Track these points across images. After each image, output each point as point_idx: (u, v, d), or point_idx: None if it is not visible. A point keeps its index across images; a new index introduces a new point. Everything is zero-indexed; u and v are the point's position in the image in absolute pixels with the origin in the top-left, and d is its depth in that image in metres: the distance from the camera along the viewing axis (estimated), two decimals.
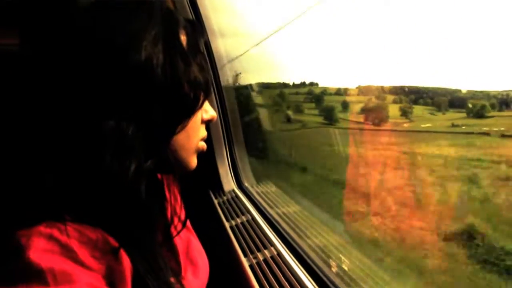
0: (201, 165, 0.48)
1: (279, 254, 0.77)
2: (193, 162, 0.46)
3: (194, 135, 0.44)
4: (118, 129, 0.34)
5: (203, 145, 0.47)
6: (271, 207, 1.03)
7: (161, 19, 0.38)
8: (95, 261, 0.33)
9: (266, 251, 0.79)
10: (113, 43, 0.35)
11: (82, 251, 0.32)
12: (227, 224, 0.95)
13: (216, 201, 1.12)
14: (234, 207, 1.06)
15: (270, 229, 0.90)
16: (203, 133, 0.47)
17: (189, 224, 0.59)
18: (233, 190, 1.21)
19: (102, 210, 0.35)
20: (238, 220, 0.96)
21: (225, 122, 1.23)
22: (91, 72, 0.34)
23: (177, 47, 0.39)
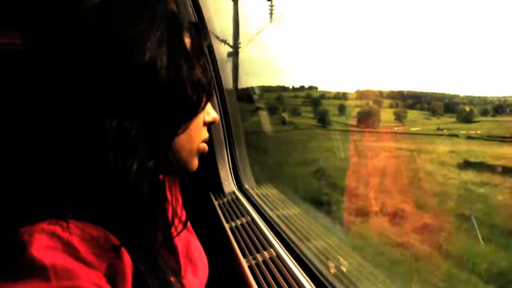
0: (202, 166, 0.48)
1: (278, 255, 0.77)
2: (195, 163, 0.47)
3: (196, 137, 0.45)
4: (121, 128, 0.34)
5: (204, 146, 0.48)
6: (271, 209, 1.04)
7: (165, 21, 0.39)
8: (96, 259, 0.33)
9: (265, 252, 0.79)
10: (117, 43, 0.35)
11: (84, 249, 0.32)
12: (227, 225, 0.95)
13: (216, 202, 1.13)
14: (234, 208, 1.06)
15: (270, 230, 0.90)
16: (204, 134, 0.48)
17: (189, 224, 0.59)
18: (233, 192, 1.21)
19: (104, 208, 0.36)
20: (238, 222, 0.97)
21: (226, 124, 1.24)
22: (96, 72, 0.34)
23: (181, 49, 0.40)
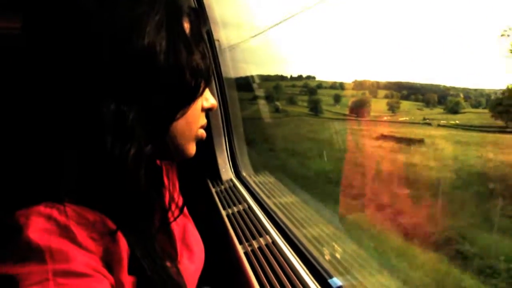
0: (200, 154, 0.49)
1: (274, 242, 0.79)
2: (192, 149, 0.47)
3: (194, 122, 0.45)
4: (119, 113, 0.34)
5: (202, 133, 0.48)
6: (268, 197, 1.05)
7: (165, 5, 0.38)
8: (92, 242, 0.33)
9: (261, 239, 0.81)
10: (116, 27, 0.35)
11: (80, 232, 0.33)
12: (223, 212, 0.96)
13: (214, 189, 1.14)
14: (231, 196, 1.07)
15: (266, 217, 0.91)
16: (203, 121, 0.48)
17: (186, 211, 0.60)
18: (230, 180, 1.22)
19: (101, 193, 0.36)
20: (235, 209, 0.98)
21: (225, 112, 1.23)
22: (94, 55, 0.34)
23: (180, 34, 0.39)
